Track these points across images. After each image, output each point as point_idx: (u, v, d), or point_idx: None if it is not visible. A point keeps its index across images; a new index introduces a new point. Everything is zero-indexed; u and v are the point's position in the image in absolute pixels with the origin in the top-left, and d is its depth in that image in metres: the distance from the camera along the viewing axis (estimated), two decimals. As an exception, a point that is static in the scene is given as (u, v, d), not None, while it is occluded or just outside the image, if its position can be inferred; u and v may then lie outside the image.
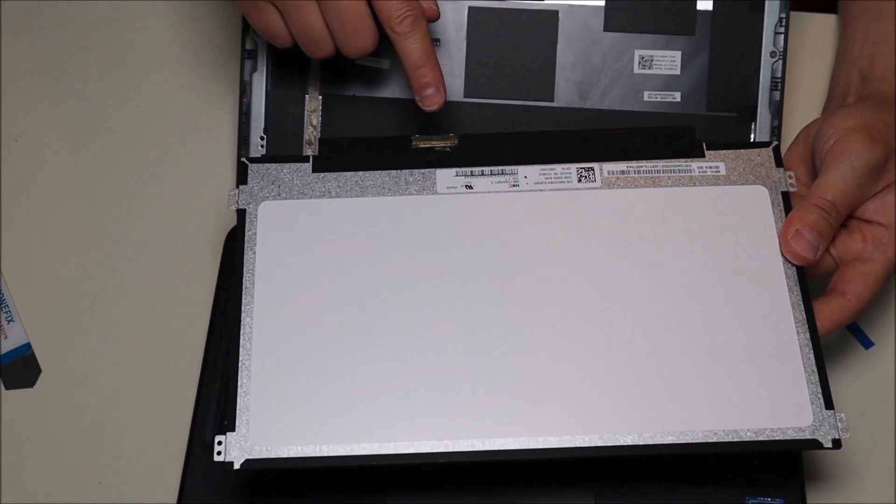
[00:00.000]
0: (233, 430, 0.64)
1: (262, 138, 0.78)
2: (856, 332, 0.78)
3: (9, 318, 0.77)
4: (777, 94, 0.77)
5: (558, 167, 0.71)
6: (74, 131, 0.84)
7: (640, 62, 0.78)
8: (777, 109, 0.77)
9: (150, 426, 0.75)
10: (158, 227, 0.81)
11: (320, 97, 0.78)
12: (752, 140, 0.77)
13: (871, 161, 0.69)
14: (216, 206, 0.80)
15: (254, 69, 0.78)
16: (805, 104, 0.82)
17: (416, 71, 0.70)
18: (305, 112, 0.78)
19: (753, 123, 0.78)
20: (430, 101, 0.71)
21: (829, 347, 0.77)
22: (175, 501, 0.71)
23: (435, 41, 0.78)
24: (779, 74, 0.77)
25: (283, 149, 0.78)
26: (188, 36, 0.86)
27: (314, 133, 0.78)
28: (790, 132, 0.75)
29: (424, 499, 0.69)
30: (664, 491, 0.69)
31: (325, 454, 0.63)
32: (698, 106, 0.78)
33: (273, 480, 0.70)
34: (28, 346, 0.77)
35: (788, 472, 0.70)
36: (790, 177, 0.71)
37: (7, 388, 0.76)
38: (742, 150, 0.72)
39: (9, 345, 0.76)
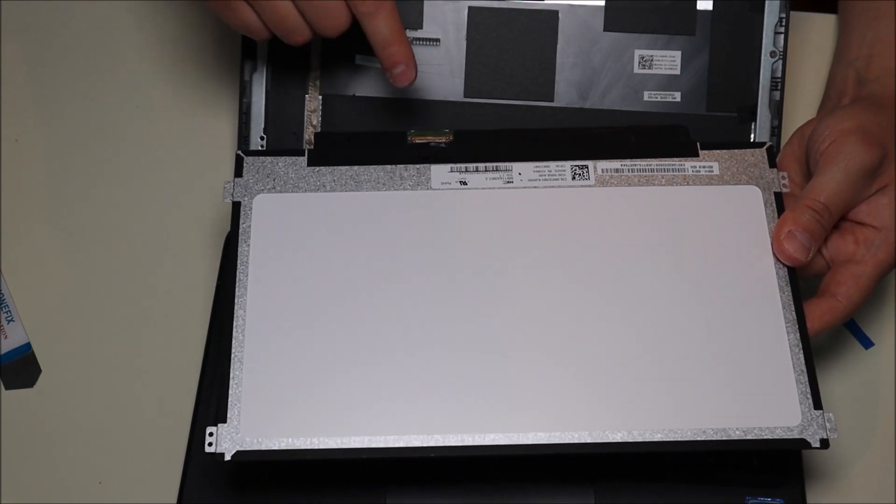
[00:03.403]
0: (224, 421, 0.64)
1: (261, 138, 0.78)
2: (855, 332, 0.78)
3: (9, 318, 0.77)
4: (777, 94, 0.77)
5: (552, 164, 0.71)
6: (74, 131, 0.84)
7: (640, 62, 0.78)
8: (777, 109, 0.77)
9: (150, 426, 0.75)
10: (158, 227, 0.81)
11: (320, 97, 0.78)
12: (752, 140, 0.78)
13: (865, 164, 0.69)
14: (216, 205, 0.80)
15: (254, 69, 0.78)
16: (805, 104, 0.83)
17: (385, 50, 0.70)
18: (305, 112, 0.78)
19: (753, 123, 0.78)
20: (402, 78, 0.70)
21: (828, 347, 0.77)
22: (175, 501, 0.71)
23: (435, 41, 0.78)
24: (779, 74, 0.77)
25: (282, 145, 0.78)
26: (188, 36, 0.86)
27: (314, 133, 0.78)
28: (790, 132, 0.75)
29: (425, 496, 0.69)
30: (664, 490, 0.69)
31: (316, 447, 0.63)
32: (698, 106, 0.78)
33: (275, 480, 0.70)
34: (28, 346, 0.77)
35: (788, 471, 0.70)
36: (783, 178, 0.71)
37: (7, 388, 0.76)
38: (736, 151, 0.72)
39: (9, 345, 0.76)
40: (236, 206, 0.70)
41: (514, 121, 0.78)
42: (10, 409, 0.76)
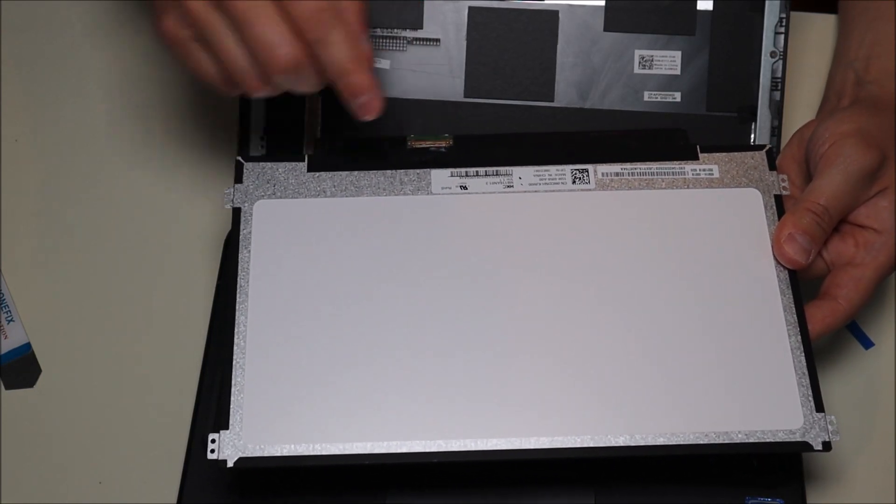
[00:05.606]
0: (226, 428, 0.64)
1: (262, 138, 0.78)
2: (856, 332, 0.78)
3: (9, 318, 0.77)
4: (777, 94, 0.77)
5: (553, 168, 0.71)
6: (74, 131, 0.84)
7: (640, 62, 0.78)
8: (777, 109, 0.77)
9: (150, 426, 0.75)
10: (158, 227, 0.81)
11: (320, 97, 0.78)
12: (752, 140, 0.78)
13: (864, 167, 0.69)
14: (216, 206, 0.80)
15: (254, 69, 0.78)
16: (805, 104, 0.82)
17: (341, 80, 0.62)
18: (305, 112, 0.78)
19: (753, 123, 0.78)
20: (365, 110, 0.63)
21: (828, 348, 0.77)
22: (175, 501, 0.71)
23: (435, 41, 0.78)
24: (779, 74, 0.77)
25: (283, 149, 0.78)
26: (188, 36, 0.86)
27: (314, 133, 0.78)
28: (790, 132, 0.75)
29: (425, 497, 0.69)
30: (664, 491, 0.69)
31: (318, 453, 0.63)
32: (698, 106, 0.78)
33: (274, 480, 0.70)
34: (28, 346, 0.77)
35: (788, 472, 0.70)
36: (783, 180, 0.71)
37: (7, 388, 0.76)
38: (735, 153, 0.72)
39: (9, 345, 0.76)
40: (236, 213, 0.70)
41: (514, 121, 0.78)
42: (10, 409, 0.76)
